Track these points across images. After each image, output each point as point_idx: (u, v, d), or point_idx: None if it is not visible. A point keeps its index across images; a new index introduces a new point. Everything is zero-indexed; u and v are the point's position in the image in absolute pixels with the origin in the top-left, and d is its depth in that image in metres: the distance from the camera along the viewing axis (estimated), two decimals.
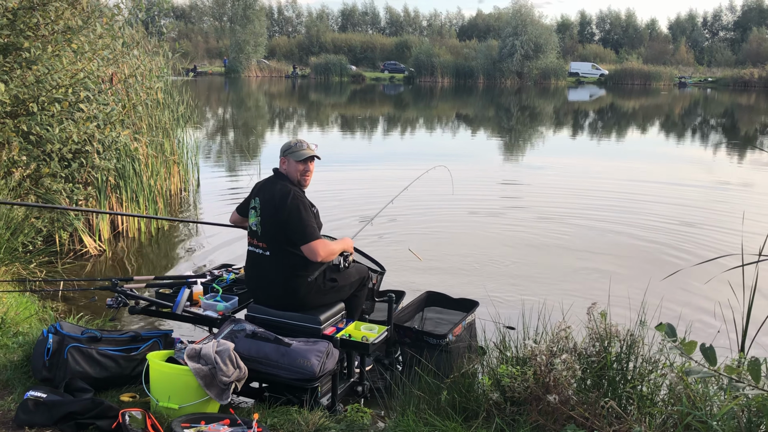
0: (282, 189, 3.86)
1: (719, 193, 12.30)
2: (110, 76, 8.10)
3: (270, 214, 3.83)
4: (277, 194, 3.83)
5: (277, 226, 3.80)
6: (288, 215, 3.76)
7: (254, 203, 3.95)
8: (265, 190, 3.93)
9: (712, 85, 62.68)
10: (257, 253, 3.91)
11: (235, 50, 62.57)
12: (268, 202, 3.85)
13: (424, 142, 20.83)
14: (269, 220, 3.83)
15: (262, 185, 4.02)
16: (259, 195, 3.95)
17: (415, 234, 8.36)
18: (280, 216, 3.77)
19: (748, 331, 4.13)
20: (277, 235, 3.81)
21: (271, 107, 33.41)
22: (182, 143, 11.04)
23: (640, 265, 7.34)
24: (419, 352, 4.43)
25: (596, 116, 32.85)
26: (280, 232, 3.80)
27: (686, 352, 2.18)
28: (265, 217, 3.85)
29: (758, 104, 42.62)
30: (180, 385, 3.22)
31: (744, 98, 47.57)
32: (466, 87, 56.15)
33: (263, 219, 3.85)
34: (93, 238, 7.33)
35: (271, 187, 3.92)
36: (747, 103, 43.82)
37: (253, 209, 3.93)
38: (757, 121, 30.55)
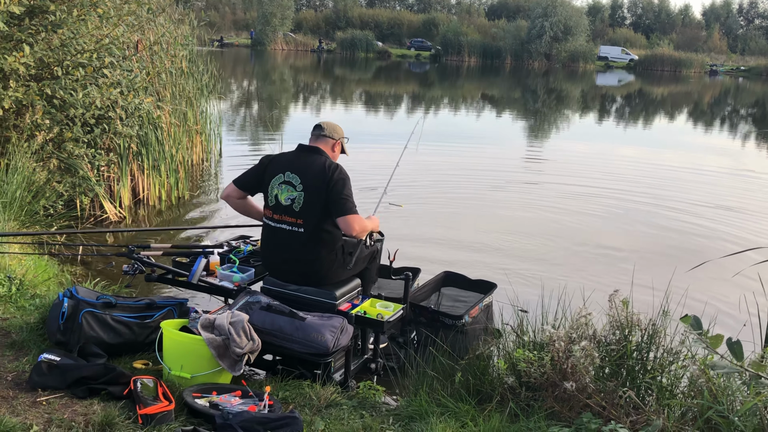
0: (328, 161, 3.78)
1: (748, 182, 12.15)
2: (135, 42, 8.08)
3: (317, 185, 3.69)
4: (324, 165, 3.74)
5: (323, 198, 3.68)
6: (334, 185, 3.68)
7: (285, 177, 3.77)
8: (303, 163, 3.78)
9: (744, 74, 61.34)
10: (284, 230, 3.75)
11: (261, 23, 62.20)
12: (315, 172, 3.72)
13: (448, 122, 20.63)
14: (315, 192, 3.69)
15: (292, 159, 3.84)
16: (293, 170, 3.77)
17: (435, 212, 8.29)
18: (327, 185, 3.67)
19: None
20: (320, 209, 3.69)
21: (296, 81, 33.28)
22: (205, 113, 11.01)
23: (665, 252, 7.23)
24: (435, 332, 4.39)
25: (624, 102, 32.38)
26: (324, 205, 3.69)
27: (712, 345, 2.11)
28: (310, 189, 3.70)
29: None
30: (193, 354, 3.20)
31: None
32: (493, 67, 55.55)
33: (307, 193, 3.70)
34: (114, 204, 7.35)
35: (310, 159, 3.79)
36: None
37: (286, 184, 3.75)
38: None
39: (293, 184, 3.75)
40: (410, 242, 6.58)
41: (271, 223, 3.85)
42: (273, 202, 3.82)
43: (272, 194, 3.82)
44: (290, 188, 3.75)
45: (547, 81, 41.84)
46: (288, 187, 3.76)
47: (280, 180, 3.80)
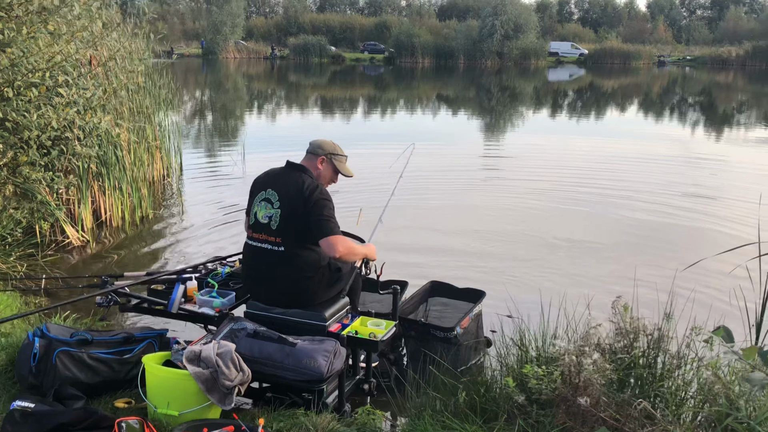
0: (308, 181, 3.59)
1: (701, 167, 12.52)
2: (89, 59, 7.78)
3: (293, 205, 3.51)
4: (301, 185, 3.55)
5: (300, 219, 3.50)
6: (312, 206, 3.49)
7: (266, 195, 3.61)
8: (282, 181, 3.62)
9: (690, 63, 62.86)
10: (264, 249, 3.57)
11: (212, 32, 61.47)
12: (292, 192, 3.55)
13: (405, 122, 20.59)
14: (291, 212, 3.51)
15: (275, 176, 3.70)
16: (274, 186, 3.62)
17: (406, 217, 8.15)
18: (305, 207, 3.48)
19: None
20: (297, 229, 3.51)
21: (250, 89, 32.90)
22: (164, 128, 10.72)
23: (643, 243, 7.29)
24: (426, 346, 4.26)
25: (576, 96, 32.82)
26: (301, 226, 3.51)
27: (745, 357, 2.00)
28: (287, 208, 3.53)
29: (735, 82, 42.87)
30: (179, 390, 3.00)
31: (722, 76, 47.79)
32: (447, 67, 55.82)
33: (283, 212, 3.53)
34: (75, 228, 7.06)
35: (289, 179, 3.61)
36: (725, 81, 44.05)
37: (266, 201, 3.60)
38: (734, 99, 30.72)
39: (271, 201, 3.59)
40: (388, 252, 6.44)
41: (251, 242, 3.67)
42: (253, 220, 3.66)
43: (253, 212, 3.66)
44: (268, 205, 3.59)
45: (500, 79, 42.17)
46: (266, 204, 3.60)
47: (262, 197, 3.63)
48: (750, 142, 16.38)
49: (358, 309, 4.16)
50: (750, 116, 23.65)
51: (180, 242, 7.26)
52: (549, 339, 3.21)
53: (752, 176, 11.38)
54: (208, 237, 7.33)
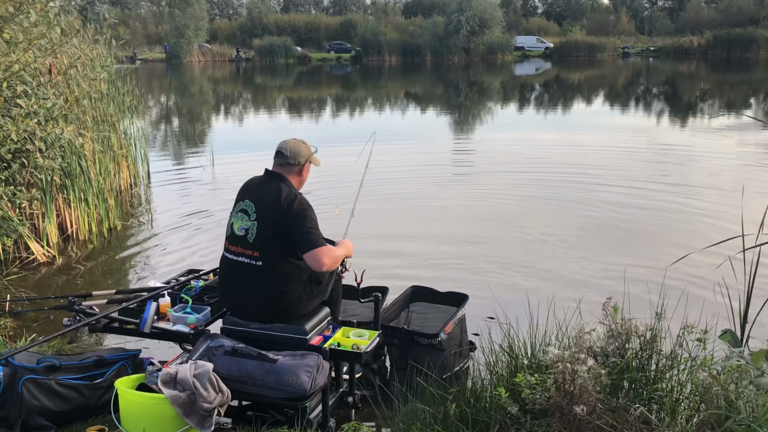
0: (285, 192, 3.42)
1: (668, 155, 12.71)
2: (48, 67, 7.53)
3: (270, 218, 3.36)
4: (280, 197, 3.39)
5: (278, 232, 3.35)
6: (293, 220, 3.33)
7: (243, 206, 3.46)
8: (260, 192, 3.46)
9: (654, 54, 63.64)
10: (242, 263, 3.41)
11: (175, 35, 60.73)
12: (268, 204, 3.39)
13: (374, 121, 20.49)
14: (268, 224, 3.36)
15: (252, 187, 3.54)
16: (250, 197, 3.47)
17: (382, 223, 8.03)
18: (284, 221, 3.33)
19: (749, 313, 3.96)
20: (276, 242, 3.36)
21: (216, 92, 32.53)
22: (129, 135, 10.47)
23: (617, 234, 7.26)
24: (410, 353, 4.14)
25: (543, 89, 33.04)
26: (280, 239, 3.35)
27: (753, 362, 1.92)
28: (263, 220, 3.37)
29: (698, 72, 43.51)
30: (155, 415, 2.85)
31: (685, 66, 48.47)
32: (414, 65, 55.89)
33: (260, 223, 3.37)
34: (41, 244, 6.82)
35: (267, 189, 3.46)
36: (688, 70, 44.69)
37: (242, 212, 3.45)
38: (697, 88, 31.15)
39: (248, 212, 3.43)
40: (364, 257, 6.33)
41: (228, 255, 3.51)
42: (229, 231, 3.52)
43: (230, 223, 3.51)
44: (245, 217, 3.44)
45: (467, 75, 42.30)
46: (243, 216, 3.45)
47: (239, 208, 3.49)
48: (714, 130, 16.58)
49: (340, 319, 4.03)
50: (713, 104, 23.99)
51: (150, 254, 7.06)
52: (539, 344, 3.11)
53: (721, 164, 11.49)
54: (179, 247, 7.14)
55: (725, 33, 59.54)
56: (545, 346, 2.99)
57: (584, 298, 3.93)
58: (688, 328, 2.86)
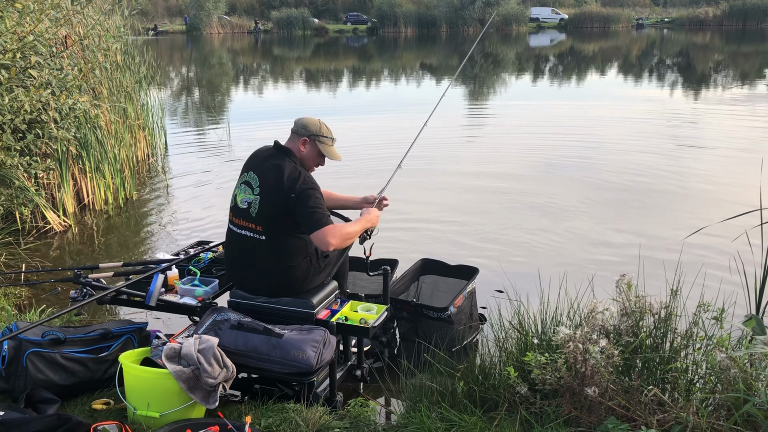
0: (290, 169, 3.32)
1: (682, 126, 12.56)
2: (63, 38, 7.48)
3: (273, 194, 3.27)
4: (283, 173, 3.29)
5: (281, 209, 3.26)
6: (297, 200, 3.23)
7: (247, 177, 3.39)
8: (264, 166, 3.37)
9: (668, 25, 62.65)
10: (246, 236, 3.34)
11: (195, 7, 60.54)
12: (271, 180, 3.30)
13: (390, 92, 20.35)
14: (271, 201, 3.27)
15: (258, 159, 3.44)
16: (255, 170, 3.38)
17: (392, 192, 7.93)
18: (287, 200, 3.24)
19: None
20: (279, 218, 3.28)
21: (235, 64, 32.40)
22: (146, 106, 10.44)
23: (636, 203, 7.15)
24: (419, 327, 4.10)
25: (557, 60, 32.55)
26: (282, 216, 3.27)
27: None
28: (266, 196, 3.29)
29: (713, 43, 42.66)
30: (159, 390, 2.82)
31: (699, 37, 47.56)
32: (430, 36, 55.43)
33: (263, 198, 3.29)
34: (57, 213, 6.84)
35: (272, 163, 3.35)
36: (702, 41, 43.85)
37: (246, 184, 3.37)
38: (711, 60, 30.55)
39: (252, 186, 3.36)
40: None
41: (233, 227, 3.45)
42: (233, 203, 3.45)
43: (234, 194, 3.45)
44: (248, 189, 3.36)
45: (482, 46, 41.76)
46: (246, 188, 3.38)
47: (243, 179, 3.42)
48: (729, 101, 16.25)
49: (348, 292, 3.98)
50: (727, 76, 23.53)
51: (165, 224, 7.05)
52: (550, 322, 3.04)
53: (737, 136, 11.23)
54: (194, 218, 7.12)
55: (741, 3, 58.20)
56: (556, 325, 2.91)
57: (597, 273, 3.83)
58: (704, 305, 2.76)
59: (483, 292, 4.55)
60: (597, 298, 2.84)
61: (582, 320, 2.85)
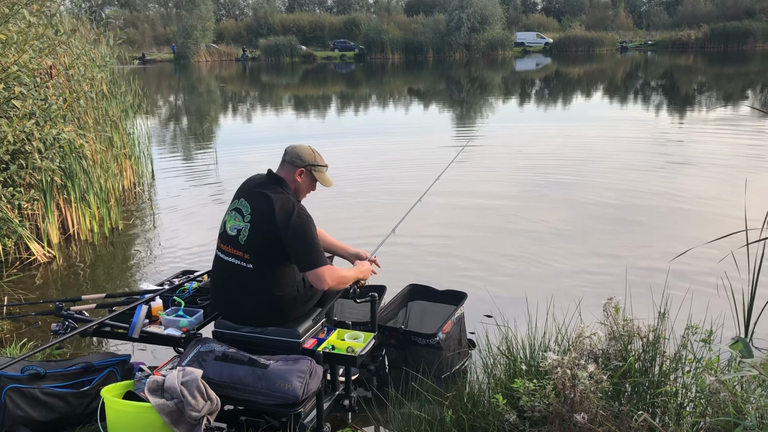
0: (282, 200, 3.28)
1: (667, 146, 12.67)
2: (48, 68, 7.47)
3: (265, 225, 3.23)
4: (276, 204, 3.24)
5: (272, 241, 3.22)
6: (293, 236, 3.19)
7: (238, 204, 3.35)
8: (257, 194, 3.32)
9: (652, 48, 63.77)
10: (233, 264, 3.30)
11: (182, 36, 60.99)
12: (263, 210, 3.25)
13: (378, 118, 20.46)
14: (261, 231, 3.23)
15: (251, 186, 3.40)
16: (247, 197, 3.34)
17: (379, 217, 7.93)
18: (280, 233, 3.19)
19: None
20: (268, 249, 3.23)
21: (223, 91, 32.51)
22: (133, 135, 10.42)
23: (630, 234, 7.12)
24: (407, 354, 4.06)
25: (543, 84, 32.92)
26: (272, 247, 3.23)
27: (767, 372, 1.80)
28: (257, 226, 3.24)
29: (696, 65, 43.33)
30: (142, 424, 2.77)
31: (682, 59, 48.36)
32: (417, 62, 55.98)
33: (253, 227, 3.24)
34: (41, 244, 6.77)
35: (264, 193, 3.30)
36: (685, 64, 44.58)
37: (236, 211, 3.33)
38: (695, 81, 30.97)
39: (242, 213, 3.31)
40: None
41: (220, 254, 3.40)
42: (222, 229, 3.40)
43: (223, 220, 3.41)
44: (239, 217, 3.32)
45: (469, 71, 42.25)
46: (236, 215, 3.33)
47: (234, 206, 3.37)
48: (713, 122, 16.45)
49: (335, 319, 3.94)
50: (711, 97, 23.86)
51: (151, 254, 6.98)
52: (538, 347, 3.01)
53: (722, 157, 11.33)
54: (181, 246, 7.06)
55: (722, 26, 59.60)
56: (544, 350, 2.88)
57: (585, 296, 3.82)
58: (692, 328, 2.75)
59: (471, 317, 4.52)
60: (585, 323, 2.81)
61: (570, 345, 2.83)
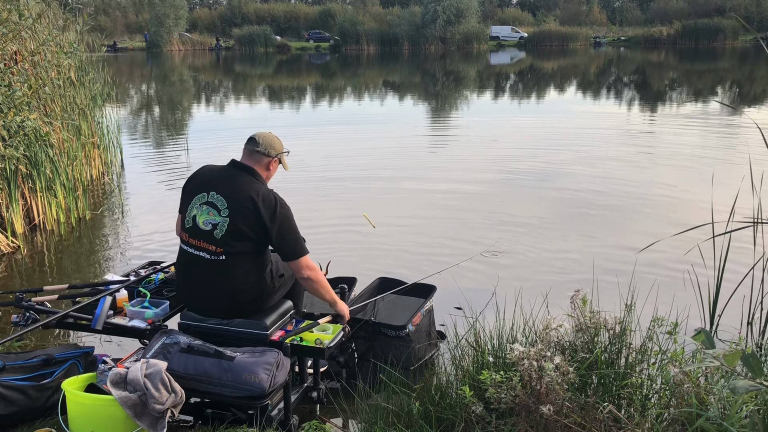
0: (263, 192, 3.24)
1: (637, 139, 12.82)
2: (13, 53, 7.30)
3: (248, 221, 3.17)
4: (255, 196, 3.19)
5: (252, 235, 3.18)
6: (279, 228, 3.18)
7: (209, 198, 3.26)
8: (230, 186, 3.26)
9: (624, 43, 64.32)
10: (202, 258, 3.22)
11: (155, 24, 60.10)
12: (242, 202, 3.19)
13: (353, 109, 20.41)
14: (246, 226, 3.17)
15: (221, 178, 3.31)
16: (219, 190, 3.25)
17: (352, 209, 7.90)
18: (266, 227, 3.17)
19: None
20: (245, 241, 3.19)
21: (196, 81, 32.16)
22: (102, 124, 10.25)
23: (598, 226, 7.17)
24: (377, 346, 4.04)
25: (517, 78, 33.08)
26: (249, 238, 3.19)
27: (728, 363, 1.81)
28: (236, 219, 3.17)
29: (667, 61, 43.82)
30: (104, 417, 2.71)
31: (654, 55, 48.82)
32: (392, 54, 55.88)
33: (232, 221, 3.17)
34: (5, 234, 6.63)
35: (238, 184, 3.25)
36: (657, 60, 44.99)
37: (209, 205, 3.24)
38: (666, 77, 31.34)
39: (217, 207, 3.22)
40: (334, 247, 6.23)
41: (187, 248, 3.31)
42: (190, 223, 3.28)
43: (191, 214, 3.28)
44: (213, 211, 3.22)
45: (444, 64, 42.26)
46: (210, 209, 3.23)
47: (203, 200, 3.27)
48: (682, 117, 16.68)
49: (304, 311, 3.91)
50: (681, 92, 24.18)
51: (118, 245, 6.88)
52: (506, 339, 3.01)
53: (690, 151, 11.49)
54: (148, 238, 6.96)
55: (693, 23, 60.18)
56: (511, 342, 2.88)
57: (553, 289, 3.84)
58: (658, 320, 2.77)
59: (441, 309, 4.52)
60: (552, 314, 2.82)
61: (537, 337, 2.83)
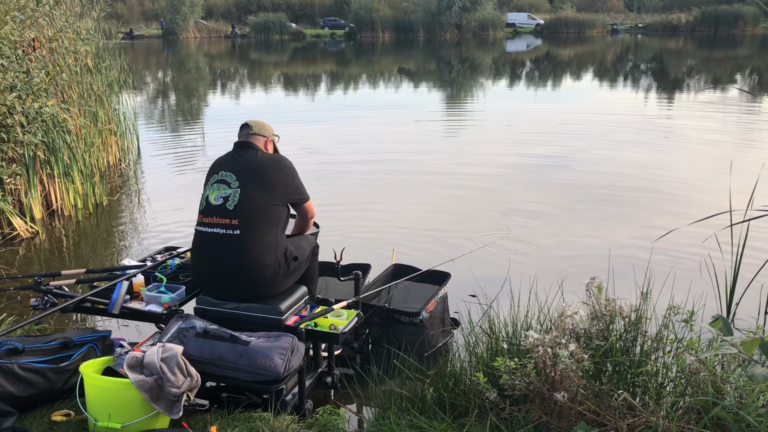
0: (266, 156, 3.47)
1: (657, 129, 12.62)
2: (31, 40, 7.35)
3: (255, 180, 3.32)
4: (262, 159, 3.42)
5: (263, 192, 3.30)
6: (287, 174, 3.43)
7: (219, 177, 3.37)
8: (236, 162, 3.41)
9: (642, 31, 63.45)
10: (217, 234, 3.26)
11: (171, 11, 60.16)
12: (250, 169, 3.36)
13: (367, 97, 20.36)
14: (253, 188, 3.29)
15: (227, 158, 3.48)
16: (228, 168, 3.39)
17: (366, 196, 7.90)
18: (277, 178, 3.37)
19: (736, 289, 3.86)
20: (257, 206, 3.27)
21: (212, 68, 32.19)
22: (119, 111, 10.30)
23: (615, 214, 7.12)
24: (391, 332, 4.05)
25: (534, 65, 32.77)
26: (262, 200, 3.28)
27: (746, 351, 1.80)
28: (247, 185, 3.29)
29: (686, 48, 43.26)
30: (121, 400, 2.74)
31: (672, 43, 48.20)
32: (407, 41, 55.56)
33: (243, 189, 3.27)
34: (24, 220, 6.70)
35: (243, 156, 3.43)
36: (675, 47, 44.44)
37: (220, 183, 3.34)
38: (684, 65, 30.95)
39: (227, 181, 3.32)
40: (349, 233, 6.24)
41: (201, 228, 3.35)
42: (203, 204, 3.37)
43: (204, 196, 3.38)
44: (223, 186, 3.31)
45: (459, 51, 42.00)
46: (220, 185, 3.32)
47: (215, 179, 3.38)
48: (701, 104, 16.51)
49: (318, 297, 3.93)
50: (700, 80, 23.88)
51: (134, 230, 6.94)
52: (520, 326, 3.00)
53: (709, 138, 11.39)
54: (164, 223, 7.01)
55: (712, 10, 59.13)
56: (526, 329, 2.88)
57: (568, 277, 3.82)
58: (674, 308, 2.75)
59: (456, 296, 4.52)
60: (567, 302, 2.81)
61: (551, 324, 2.82)
